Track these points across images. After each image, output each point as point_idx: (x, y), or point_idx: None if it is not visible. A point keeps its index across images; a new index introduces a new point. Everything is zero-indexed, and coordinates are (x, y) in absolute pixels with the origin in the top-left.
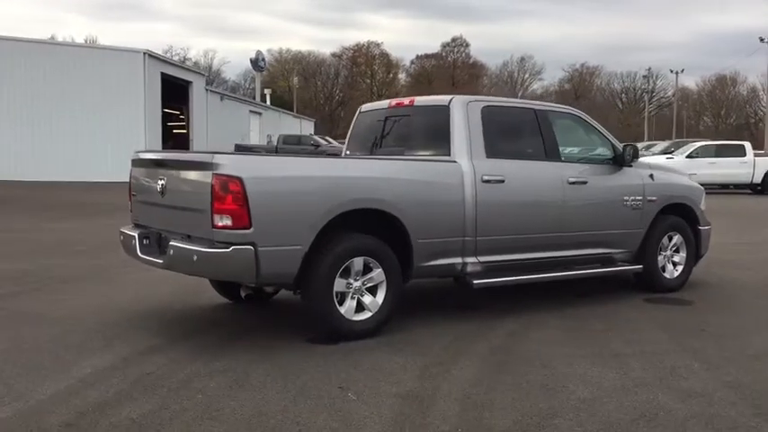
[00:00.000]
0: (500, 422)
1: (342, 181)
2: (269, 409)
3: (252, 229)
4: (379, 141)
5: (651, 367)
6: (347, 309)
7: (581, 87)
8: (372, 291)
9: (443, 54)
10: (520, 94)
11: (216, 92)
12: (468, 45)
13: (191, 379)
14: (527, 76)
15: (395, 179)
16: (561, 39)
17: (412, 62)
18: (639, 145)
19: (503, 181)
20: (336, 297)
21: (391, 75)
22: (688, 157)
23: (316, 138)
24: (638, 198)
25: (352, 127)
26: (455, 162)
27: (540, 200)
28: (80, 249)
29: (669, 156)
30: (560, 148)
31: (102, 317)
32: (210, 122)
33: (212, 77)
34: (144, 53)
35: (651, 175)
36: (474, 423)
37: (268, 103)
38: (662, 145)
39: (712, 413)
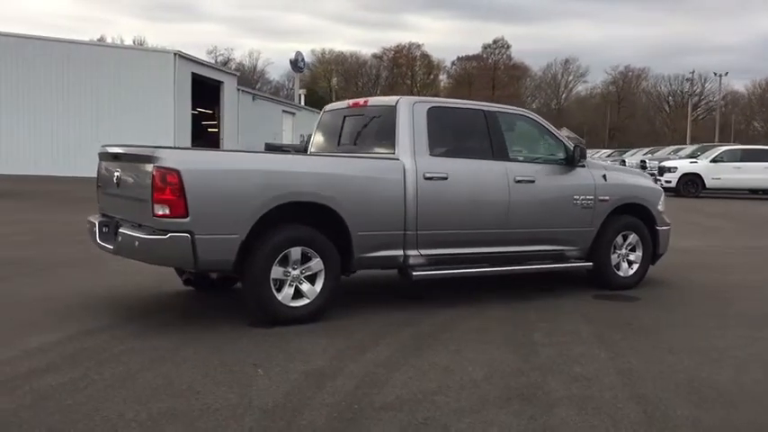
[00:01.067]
0: (384, 398)
1: (277, 175)
2: (179, 380)
3: (189, 218)
4: (338, 139)
5: (557, 355)
6: (284, 295)
7: (624, 90)
8: (311, 279)
9: (484, 56)
10: (564, 96)
11: (248, 92)
12: (509, 47)
13: (121, 354)
14: (571, 78)
15: (333, 175)
16: (608, 40)
17: (453, 63)
18: (667, 149)
19: (446, 178)
20: (275, 284)
21: (432, 76)
22: (712, 161)
23: None
24: (588, 197)
25: (316, 125)
26: (397, 159)
27: (484, 197)
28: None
29: (693, 160)
30: (509, 148)
31: (69, 300)
32: (242, 122)
33: (256, 78)
34: (174, 54)
35: (604, 176)
36: (359, 397)
37: (302, 103)
38: (689, 149)
39: (587, 395)
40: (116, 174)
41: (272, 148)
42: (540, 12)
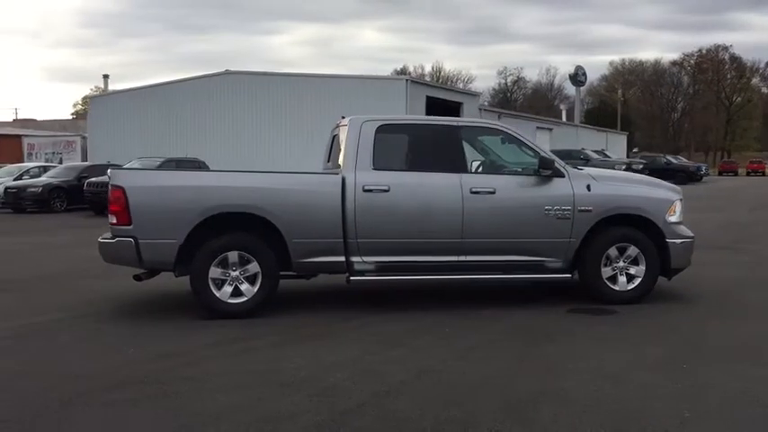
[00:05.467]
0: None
1: (209, 190)
2: (70, 356)
3: (132, 226)
4: (328, 156)
5: (448, 356)
6: (223, 293)
7: None
8: (252, 280)
9: None
10: None
11: (492, 110)
12: None
13: (55, 336)
14: None
15: (268, 189)
16: None
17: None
18: None
19: (387, 190)
20: (216, 283)
21: (744, 80)
22: None
23: (588, 152)
24: (565, 208)
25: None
26: (336, 174)
27: (431, 208)
28: None
29: None
30: (468, 161)
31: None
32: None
33: (553, 95)
34: (406, 80)
35: (588, 186)
36: (199, 376)
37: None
38: None
39: (432, 382)
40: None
41: None
42: None
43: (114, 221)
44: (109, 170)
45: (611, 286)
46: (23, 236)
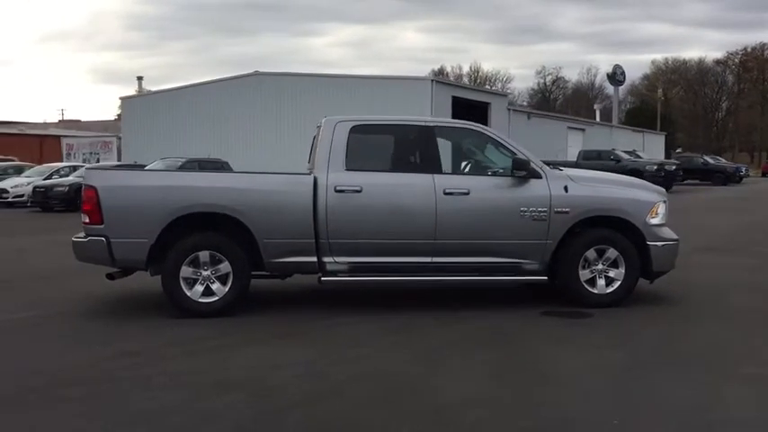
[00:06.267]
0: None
1: (180, 190)
2: (40, 353)
3: (104, 225)
4: (310, 156)
5: (403, 358)
6: (194, 292)
7: None
8: (223, 279)
9: None
10: None
11: (521, 111)
12: None
13: (32, 332)
14: None
15: (239, 189)
16: None
17: None
18: None
19: (359, 191)
20: (187, 282)
21: None
22: None
23: (618, 153)
24: (540, 209)
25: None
26: (308, 174)
27: (403, 208)
28: None
29: None
30: (442, 161)
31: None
32: (514, 140)
33: (595, 94)
34: (431, 80)
35: (565, 187)
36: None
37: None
38: None
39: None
40: None
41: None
42: None
43: (87, 221)
44: (84, 170)
45: (590, 289)
46: (45, 234)
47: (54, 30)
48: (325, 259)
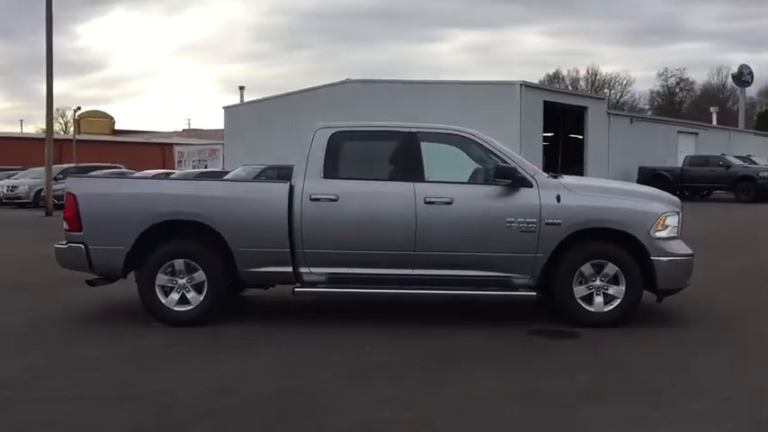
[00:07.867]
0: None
1: (155, 198)
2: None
3: (82, 232)
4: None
5: (337, 375)
6: (169, 300)
7: None
8: (198, 288)
9: None
10: None
11: (623, 115)
12: None
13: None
14: None
15: (213, 197)
16: None
17: None
18: None
19: (335, 199)
20: (163, 290)
21: None
22: None
23: (729, 158)
24: (529, 220)
25: None
26: (284, 182)
27: (382, 218)
28: None
29: None
30: (425, 169)
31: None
32: (614, 146)
33: (726, 95)
34: (520, 84)
35: (558, 197)
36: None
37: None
38: None
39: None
40: None
41: (646, 170)
42: None
43: (67, 227)
44: (67, 178)
45: (586, 307)
46: None
47: (187, 42)
48: (302, 270)
